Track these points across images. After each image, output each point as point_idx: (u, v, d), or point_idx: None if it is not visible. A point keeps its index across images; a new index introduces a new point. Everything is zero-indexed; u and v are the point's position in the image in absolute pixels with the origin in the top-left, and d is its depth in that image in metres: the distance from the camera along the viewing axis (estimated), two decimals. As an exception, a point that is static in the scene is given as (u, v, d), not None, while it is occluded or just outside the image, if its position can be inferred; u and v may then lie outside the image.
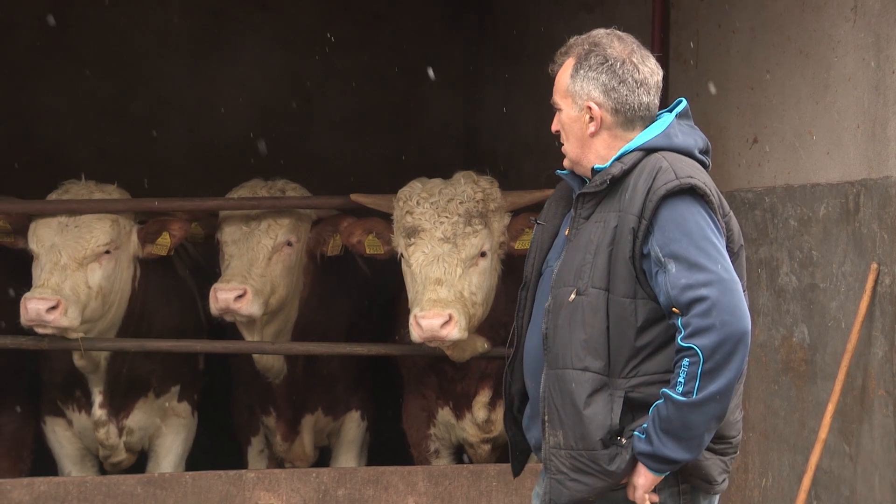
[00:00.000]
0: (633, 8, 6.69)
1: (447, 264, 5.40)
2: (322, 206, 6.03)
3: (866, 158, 4.89)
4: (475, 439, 6.04)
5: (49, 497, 5.10)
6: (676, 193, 3.60)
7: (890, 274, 4.73)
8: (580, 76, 3.76)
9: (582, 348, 3.65)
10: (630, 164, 3.69)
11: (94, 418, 5.93)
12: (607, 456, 3.63)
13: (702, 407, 3.51)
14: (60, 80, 9.01)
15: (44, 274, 5.46)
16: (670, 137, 3.74)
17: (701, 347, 3.49)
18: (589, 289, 3.66)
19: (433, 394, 6.09)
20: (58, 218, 5.62)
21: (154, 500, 5.14)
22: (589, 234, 3.71)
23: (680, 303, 3.53)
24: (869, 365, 4.88)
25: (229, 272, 5.65)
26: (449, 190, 5.59)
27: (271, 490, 5.20)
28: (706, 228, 3.59)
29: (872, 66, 4.86)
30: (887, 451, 4.79)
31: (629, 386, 3.63)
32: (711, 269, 3.52)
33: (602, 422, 3.62)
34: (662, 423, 3.54)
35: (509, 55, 8.92)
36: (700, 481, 3.71)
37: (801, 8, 5.28)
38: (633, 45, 3.79)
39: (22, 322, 5.38)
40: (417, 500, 5.26)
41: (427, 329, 5.20)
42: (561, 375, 3.69)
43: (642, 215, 3.61)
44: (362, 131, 9.46)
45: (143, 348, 5.81)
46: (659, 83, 3.80)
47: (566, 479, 3.69)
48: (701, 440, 3.57)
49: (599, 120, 3.76)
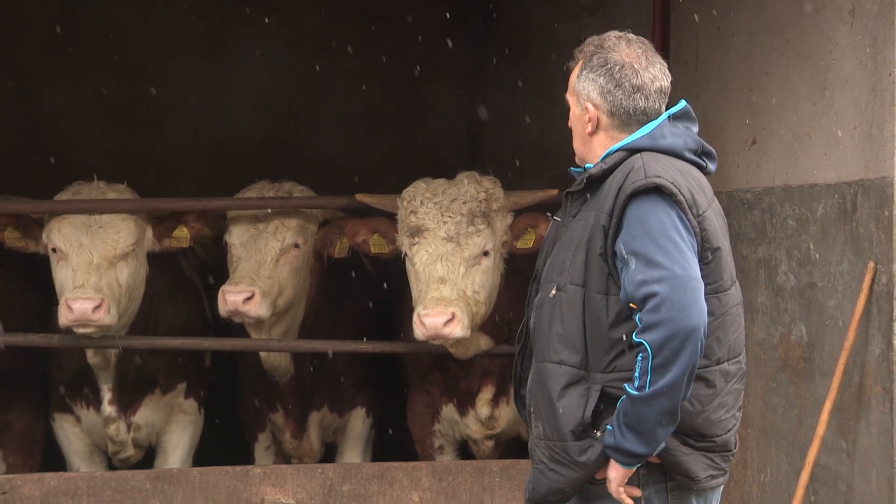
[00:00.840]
0: (635, 11, 6.71)
1: (450, 263, 5.45)
2: (327, 205, 6.07)
3: (863, 159, 4.90)
4: (479, 436, 6.09)
5: (59, 492, 5.14)
6: (643, 192, 3.64)
7: (887, 273, 4.74)
8: (583, 77, 3.84)
9: (558, 342, 3.73)
10: (611, 165, 3.75)
11: (104, 415, 5.98)
12: (578, 448, 3.70)
13: (651, 401, 3.55)
14: (69, 82, 9.04)
15: (80, 274, 5.50)
16: (655, 138, 3.78)
17: (650, 342, 3.53)
18: (567, 285, 3.74)
19: (437, 391, 6.13)
20: (80, 217, 5.66)
21: (162, 494, 5.18)
22: (573, 232, 3.79)
23: (635, 298, 3.58)
24: (866, 362, 4.89)
25: (237, 274, 5.70)
26: (452, 190, 5.64)
27: (277, 485, 5.22)
28: (668, 227, 3.62)
29: (869, 68, 4.88)
30: (884, 447, 4.79)
31: (606, 381, 3.69)
32: (666, 266, 3.55)
33: (573, 414, 3.69)
34: (623, 417, 3.61)
35: (513, 56, 8.92)
36: (682, 477, 3.75)
37: (799, 11, 5.30)
38: (639, 49, 3.84)
39: (64, 322, 5.42)
40: (421, 495, 5.30)
41: (430, 327, 5.26)
42: (540, 368, 3.78)
43: (612, 213, 3.68)
44: (367, 132, 9.49)
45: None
46: (662, 88, 3.83)
47: (546, 469, 3.77)
48: (654, 434, 3.60)
49: (596, 120, 3.83)
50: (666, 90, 3.86)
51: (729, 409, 3.80)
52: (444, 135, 9.62)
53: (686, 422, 3.67)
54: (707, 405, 3.73)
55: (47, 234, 5.70)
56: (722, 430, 3.78)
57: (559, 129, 7.73)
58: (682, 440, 3.72)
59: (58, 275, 5.62)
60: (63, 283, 5.57)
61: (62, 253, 5.62)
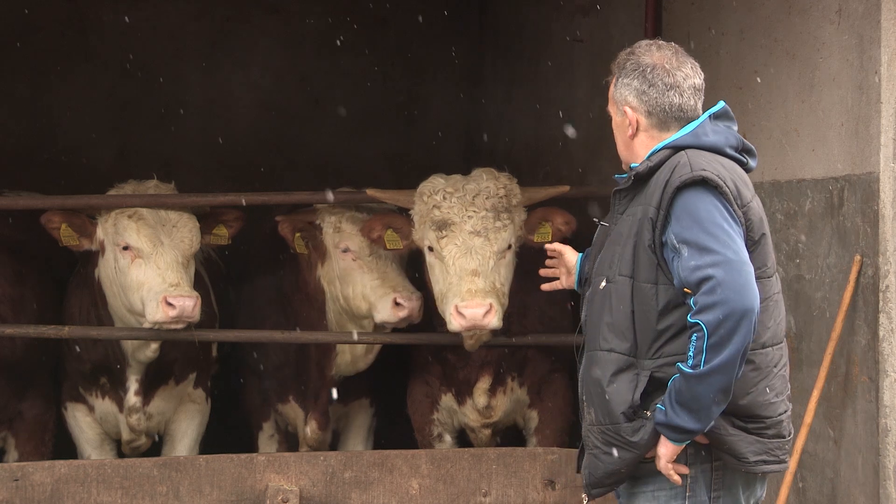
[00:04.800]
0: (628, 11, 6.75)
1: (481, 256, 5.51)
2: (341, 200, 6.08)
3: (850, 155, 4.97)
4: (476, 424, 6.16)
5: (69, 479, 5.16)
6: (689, 185, 3.79)
7: (872, 265, 4.80)
8: (619, 83, 3.99)
9: (608, 331, 3.87)
10: (657, 162, 3.89)
11: (129, 404, 6.03)
12: (630, 428, 3.84)
13: (707, 378, 3.69)
14: (79, 81, 9.10)
15: (172, 273, 5.58)
16: (698, 136, 3.92)
17: (706, 323, 3.67)
18: (617, 276, 3.88)
19: (437, 381, 6.18)
20: (152, 217, 5.71)
21: (170, 481, 5.20)
22: (621, 227, 3.94)
23: (690, 283, 3.72)
24: (852, 352, 4.96)
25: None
26: (473, 185, 5.68)
27: (281, 472, 5.24)
28: (716, 215, 3.76)
29: (856, 67, 4.94)
30: (870, 434, 4.86)
31: (654, 366, 3.83)
32: (719, 251, 3.70)
33: (623, 398, 3.83)
34: (676, 395, 3.74)
35: (509, 55, 8.95)
36: (728, 456, 3.86)
37: (787, 11, 5.35)
38: (669, 52, 3.98)
39: (160, 318, 5.48)
40: (421, 481, 5.33)
41: (470, 318, 5.32)
42: (591, 356, 3.93)
43: (660, 206, 3.82)
44: (366, 130, 9.54)
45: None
46: (695, 85, 3.96)
47: (600, 453, 3.91)
48: (709, 411, 3.73)
49: (636, 123, 3.98)
50: (700, 87, 3.98)
51: (778, 394, 3.91)
52: (442, 133, 9.66)
53: (733, 402, 3.79)
54: (753, 387, 3.85)
55: (114, 231, 5.74)
56: (773, 413, 3.89)
57: (554, 128, 7.86)
58: (731, 421, 3.84)
59: (134, 273, 5.64)
60: (148, 281, 5.60)
61: (138, 251, 5.67)
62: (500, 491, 5.41)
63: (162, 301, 5.50)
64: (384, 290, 5.77)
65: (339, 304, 6.03)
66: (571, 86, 7.60)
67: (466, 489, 5.38)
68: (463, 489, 5.38)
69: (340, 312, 6.05)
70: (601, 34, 7.19)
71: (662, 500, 3.92)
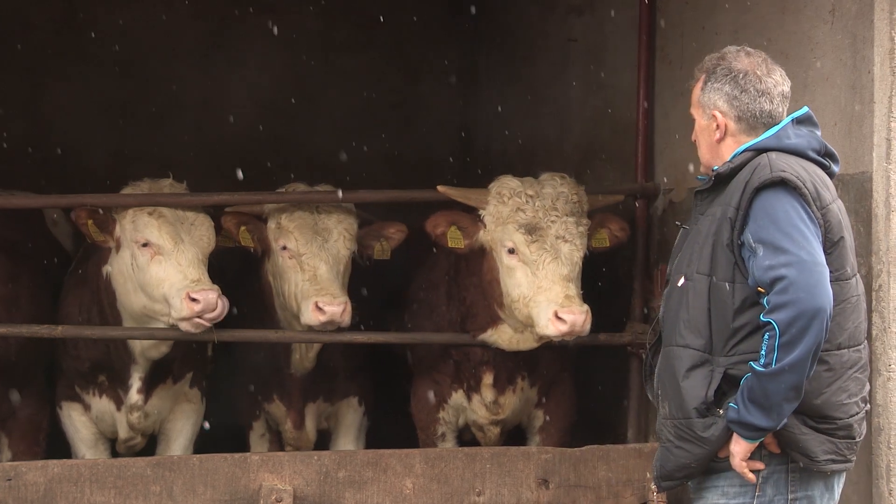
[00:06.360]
0: (621, 11, 6.77)
1: (571, 262, 5.53)
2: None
3: (843, 154, 4.90)
4: (485, 421, 6.18)
5: (62, 479, 5.14)
6: (769, 186, 3.88)
7: (865, 265, 4.81)
8: (708, 88, 4.08)
9: (685, 327, 3.97)
10: (738, 163, 3.98)
11: (130, 402, 6.05)
12: (702, 424, 3.93)
13: (778, 376, 3.77)
14: (73, 80, 9.10)
15: (194, 270, 5.60)
16: (781, 139, 4.01)
17: (777, 322, 3.76)
18: (694, 274, 3.98)
19: (448, 379, 6.20)
20: (172, 215, 5.73)
21: (163, 481, 5.19)
22: (701, 226, 4.03)
23: (763, 282, 3.81)
24: None
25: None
26: (550, 190, 5.68)
27: (275, 472, 5.23)
28: (794, 217, 3.85)
29: (849, 67, 4.97)
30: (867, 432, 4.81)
31: (729, 363, 3.92)
32: (793, 252, 3.78)
33: (697, 393, 3.93)
34: (748, 393, 3.83)
35: (504, 56, 8.97)
36: (800, 455, 3.95)
37: (781, 10, 5.38)
38: (758, 58, 4.08)
39: (186, 314, 5.49)
40: (415, 481, 5.34)
41: (571, 324, 5.32)
42: (667, 352, 4.02)
43: (739, 206, 3.91)
44: (362, 129, 9.55)
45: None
46: (784, 93, 4.07)
47: (672, 447, 4.02)
48: (780, 409, 3.82)
49: (724, 127, 4.06)
50: (787, 94, 4.08)
51: (851, 396, 3.99)
52: (438, 133, 9.69)
53: (806, 402, 3.87)
54: (826, 387, 3.93)
55: (133, 228, 5.74)
56: (844, 414, 3.96)
57: (548, 127, 7.87)
58: (803, 420, 3.92)
59: (154, 270, 5.65)
60: (169, 277, 5.61)
61: (158, 247, 5.68)
62: (494, 490, 5.42)
63: (185, 297, 5.50)
64: (309, 293, 5.75)
65: (281, 301, 6.03)
66: (566, 86, 7.62)
67: (460, 488, 5.39)
68: (457, 488, 5.39)
69: (284, 308, 6.05)
70: (595, 34, 7.21)
71: (731, 496, 4.02)
